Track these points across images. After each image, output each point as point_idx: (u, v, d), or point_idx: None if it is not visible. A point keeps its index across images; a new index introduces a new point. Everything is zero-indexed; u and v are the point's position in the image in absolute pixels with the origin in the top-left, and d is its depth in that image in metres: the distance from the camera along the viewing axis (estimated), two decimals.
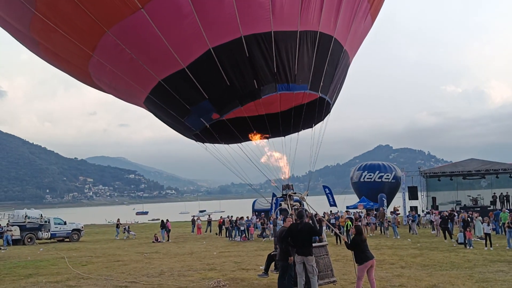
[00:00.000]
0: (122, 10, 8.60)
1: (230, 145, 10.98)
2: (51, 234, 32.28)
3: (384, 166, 44.94)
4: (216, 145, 11.02)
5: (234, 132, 10.35)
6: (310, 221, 10.25)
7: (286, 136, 11.11)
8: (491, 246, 20.09)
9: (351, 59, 11.46)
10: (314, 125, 11.34)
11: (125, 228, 35.55)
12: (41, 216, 32.84)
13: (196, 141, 11.28)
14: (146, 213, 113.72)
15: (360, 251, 9.92)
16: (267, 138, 11.07)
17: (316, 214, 12.01)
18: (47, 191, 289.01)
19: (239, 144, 10.96)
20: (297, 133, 11.22)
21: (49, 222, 32.46)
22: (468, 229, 21.79)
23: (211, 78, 9.37)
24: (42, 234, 31.88)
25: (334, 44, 10.11)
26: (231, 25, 8.88)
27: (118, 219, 39.77)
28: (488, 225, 21.41)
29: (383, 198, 39.53)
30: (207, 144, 11.17)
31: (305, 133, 11.22)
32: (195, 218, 39.50)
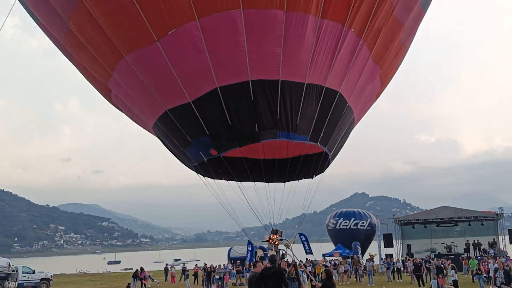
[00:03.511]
0: (139, 40, 9.34)
1: (222, 184, 11.19)
2: (18, 283, 30.90)
3: (359, 213, 45.09)
4: (208, 180, 11.24)
5: (230, 171, 10.64)
6: (294, 270, 10.23)
7: (272, 183, 11.33)
8: None
9: (356, 116, 11.67)
10: (315, 175, 11.54)
11: (149, 276, 33.58)
12: (9, 264, 31.67)
13: (196, 172, 11.54)
14: (118, 262, 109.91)
15: None
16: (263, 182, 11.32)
17: (299, 263, 12.08)
18: (16, 239, 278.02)
19: (231, 182, 11.22)
20: (294, 182, 11.42)
21: (17, 271, 31.29)
22: (441, 276, 22.01)
23: (214, 115, 9.81)
24: (9, 283, 30.43)
25: (339, 99, 10.44)
26: (240, 68, 9.37)
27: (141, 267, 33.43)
28: (456, 272, 21.81)
29: (357, 246, 39.50)
30: (208, 179, 11.34)
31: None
32: (169, 266, 38.53)
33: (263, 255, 11.58)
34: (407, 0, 10.64)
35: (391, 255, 37.62)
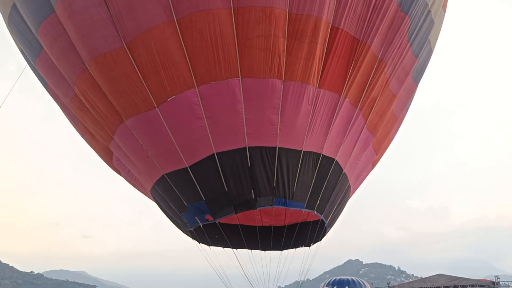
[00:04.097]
0: (139, 106, 9.64)
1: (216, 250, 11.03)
2: None
3: (353, 282, 43.90)
4: (203, 247, 11.13)
5: (225, 237, 10.55)
6: None
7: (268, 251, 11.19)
8: None
9: (352, 184, 11.73)
10: (312, 244, 11.44)
11: None
12: None
13: (192, 238, 11.41)
14: None
15: None
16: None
17: None
18: None
19: (225, 249, 11.06)
20: (291, 250, 11.29)
21: None
22: None
23: (211, 181, 9.84)
24: None
25: (335, 167, 10.55)
26: (238, 134, 9.54)
27: None
28: None
29: None
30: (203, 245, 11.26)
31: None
32: None
33: None
34: (399, 72, 11.05)
35: None
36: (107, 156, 11.95)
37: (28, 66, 12.18)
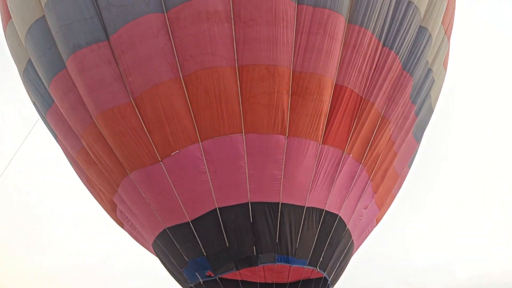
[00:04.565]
0: (143, 159, 9.76)
1: None
2: None
3: None
4: None
5: None
6: None
7: None
8: None
9: (355, 241, 11.58)
10: None
11: None
12: None
13: None
14: None
15: None
16: None
17: None
18: None
19: None
20: None
21: None
22: None
23: (212, 236, 9.74)
24: None
25: (338, 223, 10.42)
26: (240, 190, 9.52)
27: None
28: None
29: None
30: None
31: None
32: None
33: None
34: (401, 129, 11.17)
35: None
36: (112, 209, 12.02)
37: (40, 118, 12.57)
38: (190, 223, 9.82)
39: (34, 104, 12.19)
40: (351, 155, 10.25)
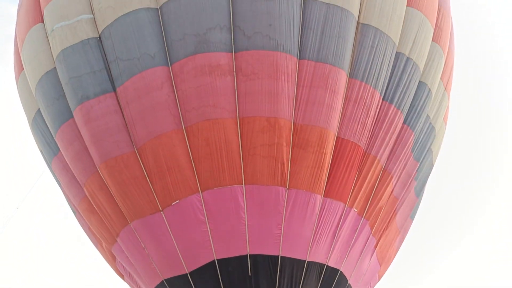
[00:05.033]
0: (144, 209, 9.79)
1: None
2: None
3: None
4: None
5: None
6: None
7: None
8: None
9: None
10: None
11: None
12: None
13: None
14: None
15: None
16: None
17: None
18: None
19: None
20: None
21: None
22: None
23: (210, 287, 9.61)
24: None
25: (340, 278, 10.24)
26: (240, 241, 9.43)
27: None
28: None
29: None
30: None
31: None
32: None
33: None
34: (402, 183, 11.14)
35: None
36: (112, 259, 11.93)
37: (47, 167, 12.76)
38: (188, 275, 9.67)
39: (41, 152, 12.42)
40: (353, 209, 10.16)
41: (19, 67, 11.91)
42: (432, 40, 11.20)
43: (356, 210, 10.23)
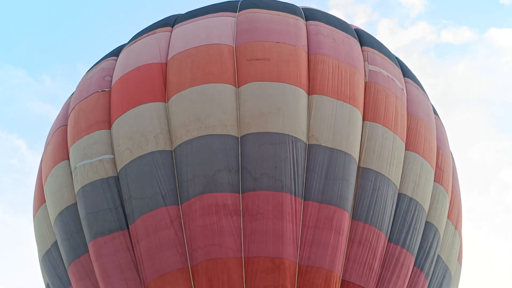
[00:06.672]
0: None
1: None
2: None
3: None
4: None
5: None
6: None
7: None
8: None
9: None
10: None
11: None
12: None
13: None
14: None
15: None
16: None
17: None
18: None
19: None
20: None
21: None
22: None
23: None
24: None
25: None
26: None
27: None
28: None
29: None
30: None
31: None
32: None
33: None
34: None
35: None
36: None
37: None
38: None
39: (47, 286, 12.48)
40: None
41: (40, 200, 12.48)
42: (434, 181, 11.37)
43: None
